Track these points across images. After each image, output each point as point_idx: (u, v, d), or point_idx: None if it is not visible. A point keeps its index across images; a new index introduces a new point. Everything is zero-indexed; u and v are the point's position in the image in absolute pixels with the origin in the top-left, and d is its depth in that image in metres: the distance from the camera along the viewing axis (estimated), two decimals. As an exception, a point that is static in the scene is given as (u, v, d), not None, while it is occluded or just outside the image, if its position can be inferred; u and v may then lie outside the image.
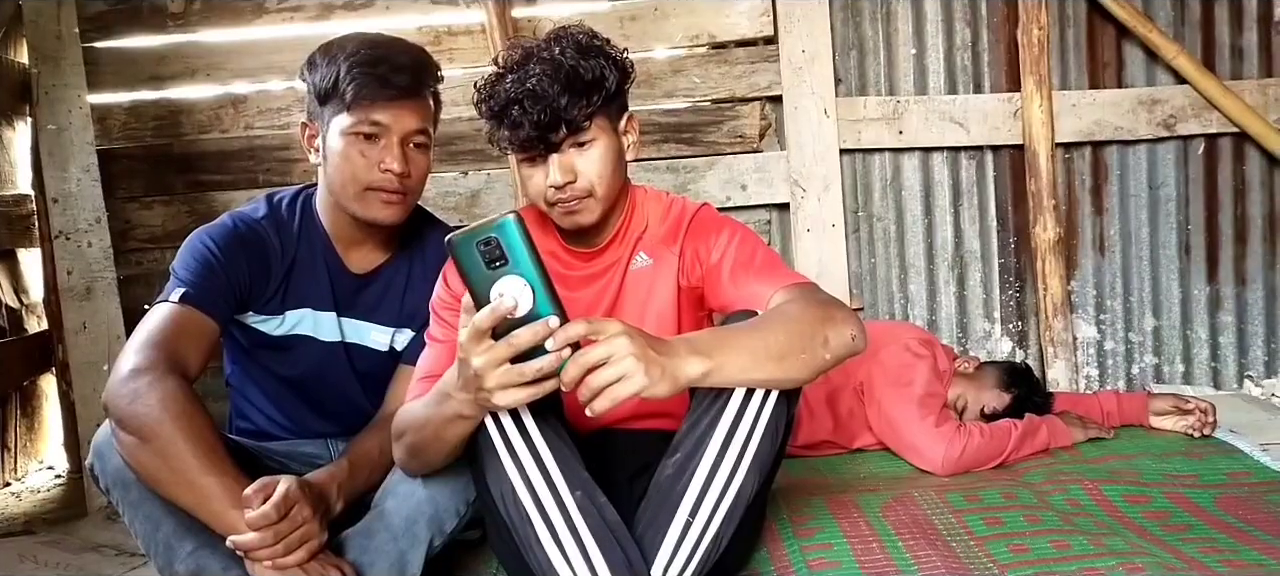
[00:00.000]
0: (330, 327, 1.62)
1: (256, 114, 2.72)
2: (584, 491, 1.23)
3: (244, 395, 1.69)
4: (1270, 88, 2.64)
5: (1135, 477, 1.80)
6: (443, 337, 1.42)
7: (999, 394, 2.13)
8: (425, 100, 1.55)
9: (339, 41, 1.53)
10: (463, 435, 1.23)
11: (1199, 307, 2.72)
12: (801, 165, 2.68)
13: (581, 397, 1.10)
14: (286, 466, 1.52)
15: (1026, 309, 2.75)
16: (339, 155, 1.50)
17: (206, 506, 1.29)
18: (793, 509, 1.73)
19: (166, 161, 2.72)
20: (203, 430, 1.31)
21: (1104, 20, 2.67)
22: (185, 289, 1.46)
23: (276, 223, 1.60)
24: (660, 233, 1.50)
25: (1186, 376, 2.73)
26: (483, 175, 2.72)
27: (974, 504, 1.70)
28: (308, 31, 2.71)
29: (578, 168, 1.37)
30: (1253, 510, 1.62)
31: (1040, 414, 2.09)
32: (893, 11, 2.69)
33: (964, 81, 2.71)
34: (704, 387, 1.23)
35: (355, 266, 1.63)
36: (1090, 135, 2.67)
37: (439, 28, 2.69)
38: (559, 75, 1.32)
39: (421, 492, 1.39)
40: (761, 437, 1.27)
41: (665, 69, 2.71)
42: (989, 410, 2.11)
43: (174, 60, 2.71)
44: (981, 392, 2.13)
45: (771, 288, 1.37)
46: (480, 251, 1.09)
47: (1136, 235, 2.73)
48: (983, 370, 2.21)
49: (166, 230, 2.70)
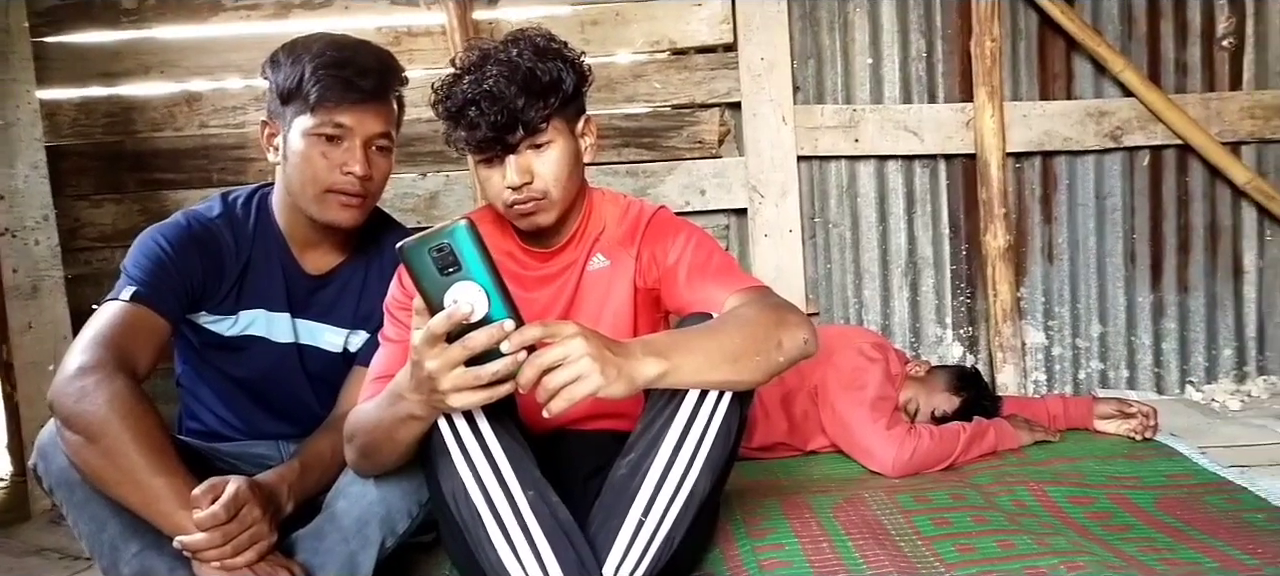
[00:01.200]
0: (284, 329, 1.60)
1: (212, 112, 2.69)
2: (537, 491, 1.23)
3: (195, 396, 1.67)
4: (1213, 102, 2.72)
5: (1079, 479, 1.85)
6: (397, 338, 1.42)
7: (949, 397, 2.17)
8: (389, 104, 1.55)
9: (304, 41, 1.52)
10: (415, 436, 1.23)
11: (1143, 314, 2.79)
12: (760, 171, 2.71)
13: (538, 398, 1.10)
14: (237, 467, 1.50)
15: (977, 315, 2.80)
16: (300, 156, 1.49)
17: (154, 507, 1.27)
18: (747, 510, 1.75)
19: (118, 159, 2.68)
20: (151, 429, 1.29)
21: (1054, 33, 2.73)
22: (136, 287, 1.44)
23: (231, 222, 1.58)
24: (617, 234, 1.52)
25: (1131, 382, 2.80)
26: (442, 176, 2.71)
27: (923, 505, 1.74)
28: (265, 30, 2.68)
29: (535, 169, 1.38)
30: (1190, 510, 1.67)
31: (989, 417, 2.14)
32: (850, 22, 2.74)
33: (918, 91, 2.75)
34: (659, 389, 1.24)
35: (311, 267, 1.62)
36: (1040, 145, 2.73)
37: (399, 28, 2.68)
38: (516, 77, 1.33)
39: (373, 493, 1.38)
40: (715, 438, 1.28)
41: (626, 74, 2.73)
42: (939, 413, 2.15)
43: (127, 56, 2.67)
44: (932, 396, 2.17)
45: (727, 291, 1.38)
46: (433, 258, 1.09)
47: (1084, 243, 2.79)
48: (933, 374, 2.25)
49: (117, 229, 2.66)
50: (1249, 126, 2.72)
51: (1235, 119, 2.72)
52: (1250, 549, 1.47)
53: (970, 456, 2.01)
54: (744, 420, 1.36)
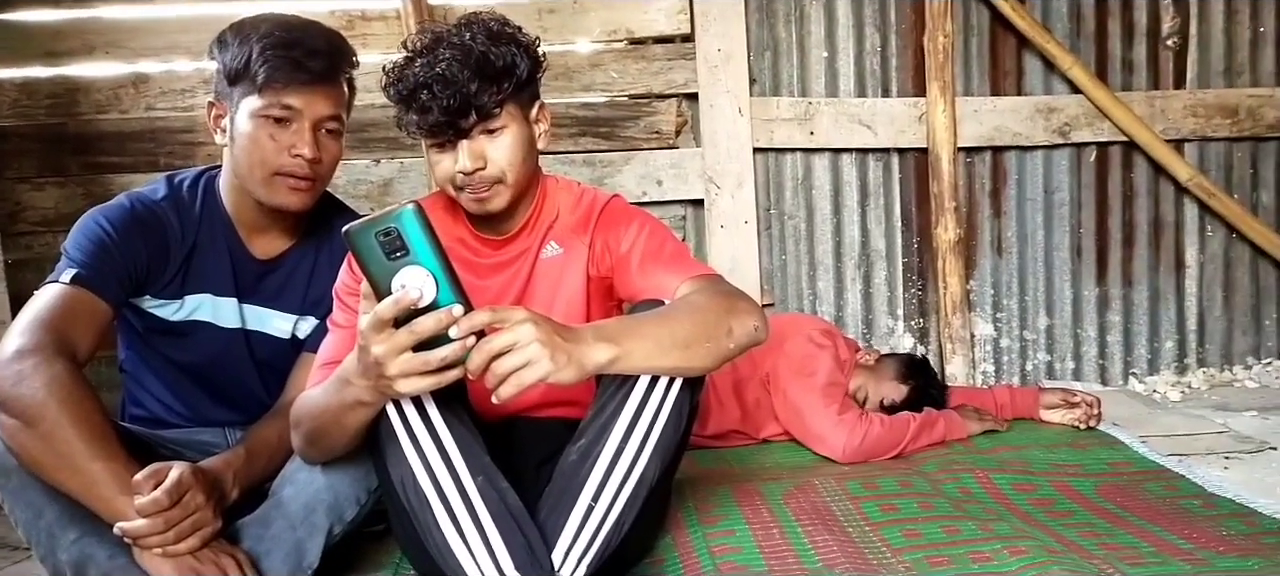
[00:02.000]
0: (231, 314, 1.58)
1: (159, 94, 2.63)
2: (486, 476, 1.23)
3: (139, 381, 1.64)
4: (1157, 100, 2.79)
5: (1024, 467, 1.89)
6: (345, 324, 1.41)
7: (897, 386, 2.20)
8: (339, 86, 1.53)
9: (252, 21, 1.50)
10: (363, 422, 1.22)
11: (1089, 307, 2.86)
12: (716, 162, 2.72)
13: (487, 384, 1.10)
14: (181, 454, 1.48)
15: (928, 306, 2.84)
16: (247, 138, 1.47)
17: (93, 492, 1.25)
18: (698, 497, 1.76)
19: (61, 141, 2.61)
20: (91, 414, 1.27)
21: (1006, 30, 2.77)
22: (77, 269, 1.41)
23: (177, 204, 1.55)
24: (571, 222, 1.51)
25: (1076, 373, 2.86)
26: (396, 163, 2.68)
27: (871, 491, 1.76)
28: (216, 11, 2.62)
29: (488, 154, 1.37)
30: (1130, 497, 1.71)
31: (938, 407, 2.17)
32: (806, 15, 2.75)
33: (873, 85, 2.78)
34: (610, 375, 1.24)
35: (259, 252, 1.59)
36: (990, 140, 2.77)
37: (353, 12, 2.65)
38: (470, 60, 1.32)
39: (321, 480, 1.37)
40: (665, 424, 1.29)
41: (583, 63, 2.72)
42: (888, 402, 2.18)
43: (72, 36, 2.60)
44: (881, 384, 2.20)
45: (678, 278, 1.39)
46: (380, 242, 1.08)
47: (1032, 237, 2.84)
48: (882, 362, 2.28)
49: (60, 212, 2.59)
50: (1192, 124, 2.79)
51: (1179, 117, 2.78)
52: (1186, 534, 1.51)
53: (919, 445, 2.05)
54: (695, 407, 1.37)
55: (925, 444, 2.06)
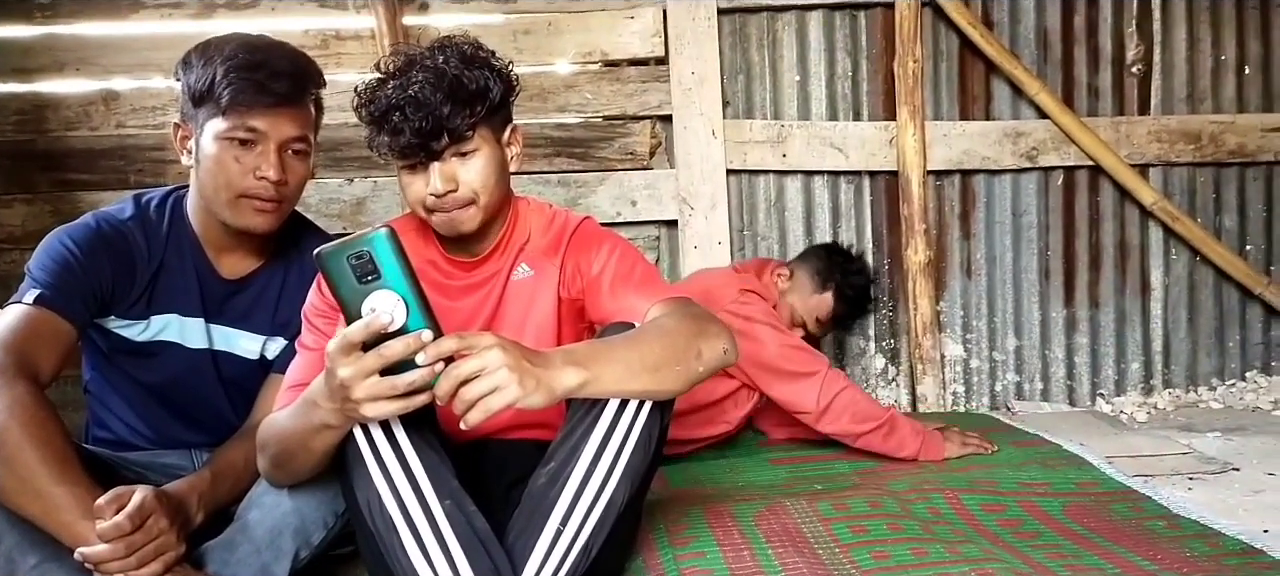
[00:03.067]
0: (198, 334, 1.56)
1: (130, 112, 2.62)
2: (454, 500, 1.22)
3: (103, 403, 1.61)
4: (1122, 125, 2.84)
5: (993, 487, 1.90)
6: (314, 345, 1.40)
7: (820, 298, 2.22)
8: (305, 107, 1.52)
9: (217, 42, 1.49)
10: (329, 445, 1.22)
11: (1057, 329, 2.89)
12: (690, 183, 2.73)
13: (456, 410, 1.10)
14: (145, 477, 1.46)
15: (899, 327, 2.87)
16: (212, 160, 1.46)
17: (55, 517, 1.23)
18: (669, 518, 1.76)
19: (29, 158, 2.59)
20: (52, 437, 1.25)
21: (974, 56, 2.82)
22: (40, 290, 1.39)
23: (144, 224, 1.54)
24: (542, 244, 1.52)
25: (1045, 394, 2.89)
26: (368, 182, 2.68)
27: (841, 512, 1.77)
28: (188, 29, 2.62)
29: (459, 176, 1.37)
30: (1096, 518, 1.73)
31: (864, 295, 2.24)
32: (779, 39, 2.79)
33: (844, 109, 2.82)
34: (579, 398, 1.24)
35: (227, 272, 1.58)
36: (960, 164, 2.81)
37: (327, 32, 2.65)
38: (443, 83, 1.32)
39: (287, 503, 1.35)
40: (634, 447, 1.29)
41: (558, 84, 2.74)
42: (824, 316, 2.19)
43: (41, 52, 2.59)
44: (806, 300, 2.22)
45: (649, 301, 1.40)
46: (351, 265, 1.08)
47: (1001, 259, 2.88)
48: (797, 275, 2.29)
49: (27, 230, 2.56)
50: (1156, 149, 2.84)
51: (1143, 142, 2.84)
52: (1151, 555, 1.52)
53: (887, 446, 2.05)
54: (665, 429, 1.37)
55: (896, 450, 2.05)
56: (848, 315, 2.22)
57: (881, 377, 2.87)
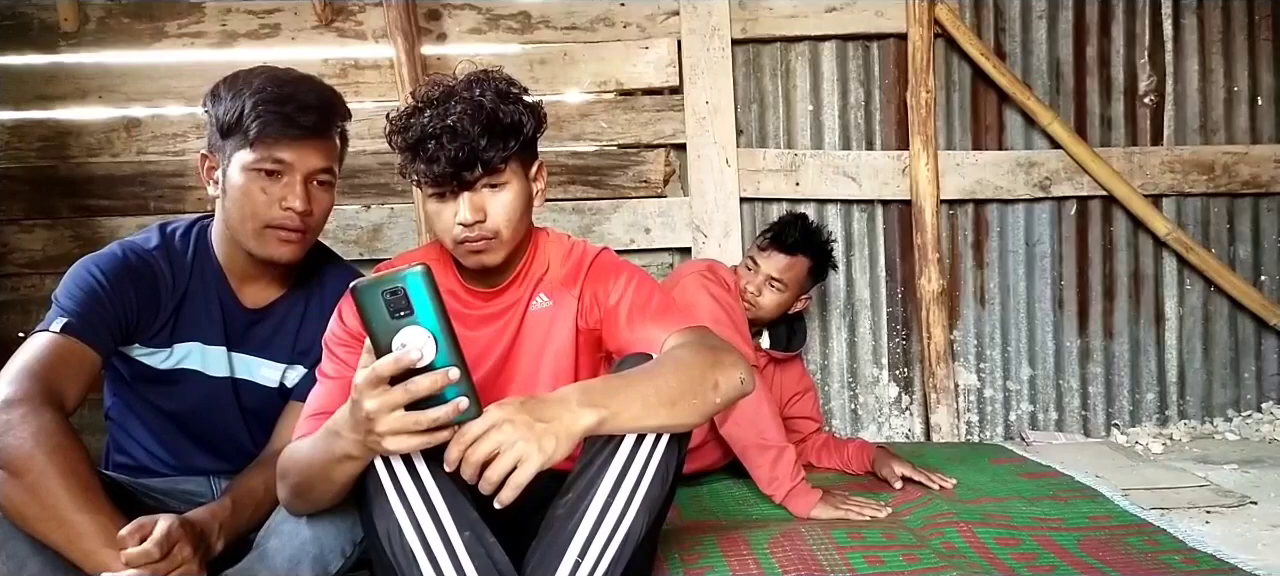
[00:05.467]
0: (219, 362, 1.58)
1: (150, 138, 2.65)
2: (473, 531, 1.23)
3: (124, 428, 1.63)
4: (1135, 155, 2.85)
5: (1006, 521, 1.89)
6: (335, 374, 1.41)
7: (774, 255, 2.23)
8: (331, 139, 1.54)
9: (245, 75, 1.51)
10: (350, 475, 1.23)
11: (1071, 358, 2.89)
12: (703, 211, 2.75)
13: (485, 491, 1.12)
14: (165, 504, 1.47)
15: (912, 356, 2.87)
16: (239, 190, 1.48)
17: (78, 545, 1.24)
18: (683, 547, 1.76)
19: (51, 184, 2.63)
20: (77, 465, 1.26)
21: (987, 86, 2.83)
22: (68, 319, 1.41)
23: (169, 253, 1.56)
24: (561, 275, 1.53)
25: (1059, 423, 2.88)
26: (386, 209, 2.70)
27: (856, 542, 1.77)
28: (209, 57, 2.66)
29: (488, 208, 1.39)
30: (1110, 551, 1.72)
31: (826, 255, 2.27)
32: (792, 69, 2.81)
33: (857, 138, 2.83)
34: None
35: (249, 301, 1.60)
36: (973, 193, 2.82)
37: (346, 61, 2.68)
38: (480, 116, 1.35)
39: (305, 532, 1.36)
40: (652, 479, 1.29)
41: (573, 113, 2.76)
42: (778, 278, 2.20)
43: (64, 80, 2.63)
44: (762, 271, 2.22)
45: (666, 331, 1.41)
46: (386, 300, 1.09)
47: (1014, 289, 2.88)
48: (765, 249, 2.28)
49: (48, 255, 2.60)
50: (1169, 180, 2.84)
51: (1156, 172, 2.84)
52: (1166, 589, 1.52)
53: (766, 470, 2.00)
54: (681, 460, 1.38)
55: (769, 482, 2.00)
56: (805, 280, 2.25)
57: (895, 406, 2.86)
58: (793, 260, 2.24)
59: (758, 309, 2.25)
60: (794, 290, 2.27)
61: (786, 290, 2.25)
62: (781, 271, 2.23)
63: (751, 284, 2.25)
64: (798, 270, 2.25)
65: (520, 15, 2.74)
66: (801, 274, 2.26)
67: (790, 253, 2.24)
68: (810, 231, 2.28)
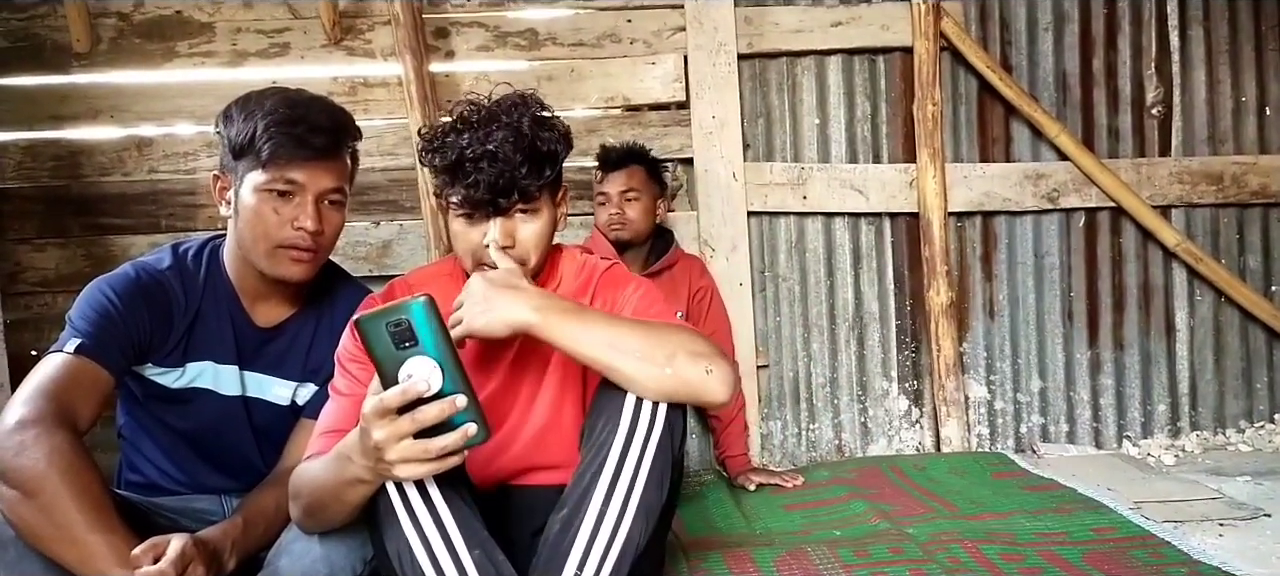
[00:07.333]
0: (231, 381, 1.59)
1: (162, 158, 2.67)
2: (483, 550, 1.24)
3: (136, 447, 1.64)
4: (1143, 166, 2.84)
5: (1011, 538, 1.89)
6: (347, 391, 1.42)
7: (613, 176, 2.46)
8: (342, 160, 1.55)
9: (257, 96, 1.52)
10: (362, 497, 1.23)
11: (1081, 370, 2.88)
12: (711, 225, 2.75)
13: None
14: (177, 522, 1.48)
15: (922, 369, 2.86)
16: (251, 210, 1.49)
17: (91, 565, 1.24)
18: (690, 564, 1.77)
19: (63, 203, 2.65)
20: (90, 486, 1.27)
21: (993, 99, 2.84)
22: (81, 339, 1.42)
23: (181, 273, 1.57)
24: (573, 286, 1.54)
25: (1070, 436, 2.87)
26: (395, 225, 2.72)
27: (862, 559, 1.77)
28: (220, 77, 2.69)
29: (518, 234, 1.40)
30: (1116, 564, 1.72)
31: (647, 153, 2.51)
32: (798, 83, 2.82)
33: (864, 151, 2.84)
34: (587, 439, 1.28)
35: (261, 320, 1.61)
36: (980, 205, 2.82)
37: (355, 79, 2.70)
38: (522, 143, 1.35)
39: (316, 551, 1.36)
40: (645, 485, 1.29)
41: (581, 128, 2.77)
42: (627, 189, 2.43)
43: (76, 100, 2.65)
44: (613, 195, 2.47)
45: None
46: (390, 332, 1.11)
47: (1023, 301, 2.88)
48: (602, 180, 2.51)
49: (60, 274, 2.62)
50: (1178, 191, 2.84)
51: (1165, 183, 2.83)
52: (1176, 603, 1.51)
53: None
54: (679, 466, 1.38)
55: None
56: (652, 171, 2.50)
57: (905, 420, 2.86)
58: (629, 170, 2.46)
59: (631, 226, 2.45)
60: (648, 194, 2.46)
61: (642, 195, 2.45)
62: (628, 182, 2.44)
63: (612, 210, 2.44)
64: (639, 176, 2.46)
65: (528, 32, 2.76)
66: (644, 177, 2.46)
67: (621, 165, 2.45)
68: (626, 146, 2.51)
